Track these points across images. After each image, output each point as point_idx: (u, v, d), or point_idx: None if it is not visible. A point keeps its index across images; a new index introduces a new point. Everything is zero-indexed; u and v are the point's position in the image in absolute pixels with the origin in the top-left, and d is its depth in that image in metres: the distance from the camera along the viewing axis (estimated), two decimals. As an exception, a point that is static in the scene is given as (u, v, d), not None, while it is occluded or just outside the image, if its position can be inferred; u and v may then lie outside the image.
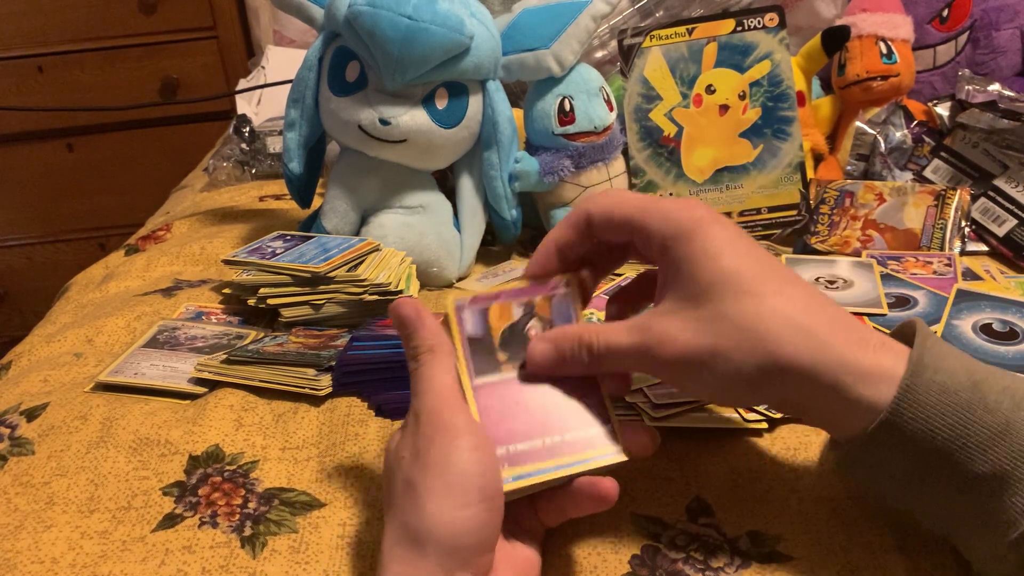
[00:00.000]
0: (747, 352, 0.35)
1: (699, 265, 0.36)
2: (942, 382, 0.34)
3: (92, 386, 0.55)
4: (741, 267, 0.36)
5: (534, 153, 0.75)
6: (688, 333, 0.36)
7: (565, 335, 0.40)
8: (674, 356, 0.36)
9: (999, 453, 0.33)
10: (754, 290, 0.36)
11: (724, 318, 0.35)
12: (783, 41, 0.76)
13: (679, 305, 0.37)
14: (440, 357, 0.38)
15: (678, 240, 0.37)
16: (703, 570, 0.38)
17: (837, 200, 0.76)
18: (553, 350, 0.40)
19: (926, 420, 0.34)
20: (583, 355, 0.39)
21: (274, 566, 0.40)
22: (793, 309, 0.35)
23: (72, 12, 1.64)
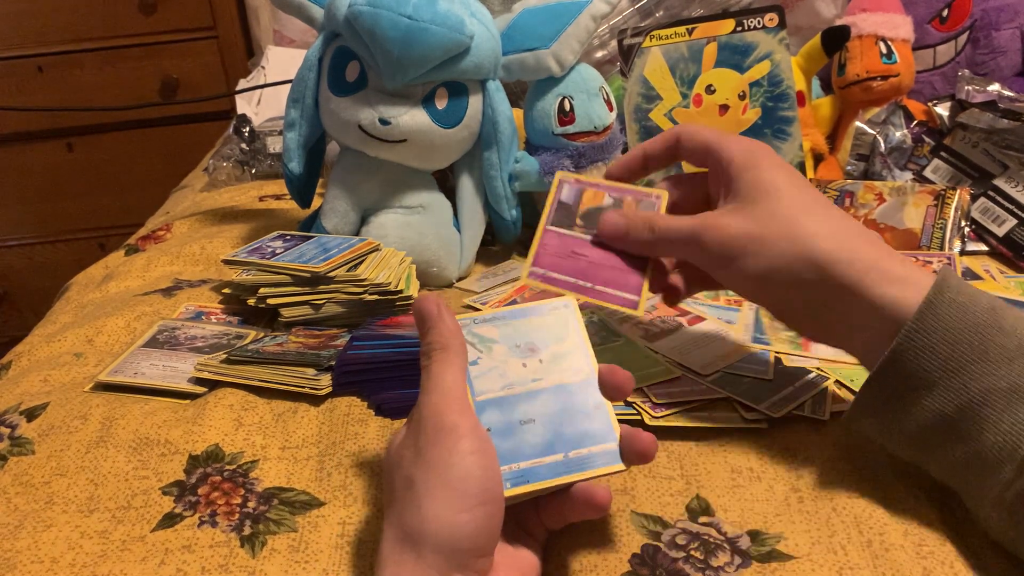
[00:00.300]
0: (790, 241, 0.40)
1: (759, 175, 0.43)
2: (963, 302, 0.37)
3: (92, 386, 0.55)
4: (794, 184, 0.42)
5: (534, 153, 0.75)
6: (738, 222, 0.42)
7: (636, 214, 0.47)
8: (722, 240, 0.42)
9: (1013, 369, 0.36)
10: (802, 200, 0.42)
11: (774, 215, 0.41)
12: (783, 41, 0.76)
13: (736, 205, 0.43)
14: (452, 356, 0.38)
15: (747, 155, 0.44)
16: (703, 569, 0.38)
17: (837, 200, 0.76)
18: (623, 220, 0.46)
19: (946, 333, 0.37)
20: (646, 231, 0.45)
21: (273, 565, 0.40)
22: (833, 221, 0.41)
23: (72, 12, 1.64)
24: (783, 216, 0.41)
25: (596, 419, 0.40)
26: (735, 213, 0.42)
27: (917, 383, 0.38)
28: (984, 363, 0.36)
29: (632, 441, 0.38)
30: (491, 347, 0.42)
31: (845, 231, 0.40)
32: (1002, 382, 0.36)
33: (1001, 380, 0.36)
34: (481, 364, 0.41)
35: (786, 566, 0.38)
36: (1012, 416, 0.35)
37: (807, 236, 0.40)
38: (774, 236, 0.41)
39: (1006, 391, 0.36)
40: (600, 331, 0.57)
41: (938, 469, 0.39)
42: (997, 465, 0.36)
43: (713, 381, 0.50)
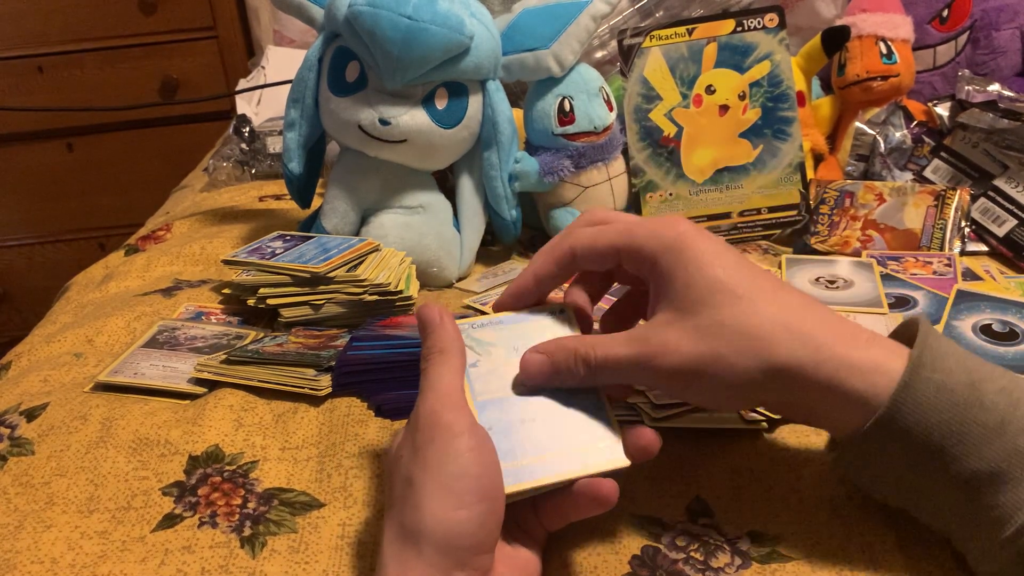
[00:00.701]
0: (747, 356, 0.36)
1: (691, 276, 0.37)
2: (940, 380, 0.35)
3: (92, 386, 0.55)
4: (733, 276, 0.37)
5: (534, 153, 0.75)
6: (687, 342, 0.37)
7: (561, 347, 0.40)
8: (675, 365, 0.37)
9: (994, 451, 0.34)
10: (749, 296, 0.37)
11: (722, 325, 0.36)
12: (783, 41, 0.76)
13: (675, 316, 0.38)
14: (450, 359, 0.38)
15: (668, 254, 0.38)
16: (703, 570, 0.38)
17: (837, 200, 0.76)
18: (548, 362, 0.40)
19: (923, 416, 0.34)
20: (579, 368, 0.39)
21: (273, 566, 0.40)
22: (786, 313, 0.37)
23: (72, 12, 1.64)
24: (731, 326, 0.36)
25: (597, 417, 0.40)
26: (676, 328, 0.37)
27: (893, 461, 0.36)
28: (962, 446, 0.34)
29: (635, 438, 0.38)
30: (490, 350, 0.42)
31: (801, 322, 0.36)
32: (982, 464, 0.34)
33: (981, 463, 0.34)
34: (480, 366, 0.41)
35: (786, 567, 0.38)
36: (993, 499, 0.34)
37: (764, 345, 0.36)
38: (728, 353, 0.36)
39: (987, 474, 0.34)
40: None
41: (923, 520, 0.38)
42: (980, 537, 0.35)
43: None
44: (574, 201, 0.76)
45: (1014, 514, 0.33)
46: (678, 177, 0.77)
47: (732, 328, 0.36)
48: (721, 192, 0.76)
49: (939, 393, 0.35)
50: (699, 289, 0.37)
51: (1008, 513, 0.33)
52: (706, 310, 0.37)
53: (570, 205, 0.76)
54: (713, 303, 0.37)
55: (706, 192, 0.76)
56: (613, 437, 0.39)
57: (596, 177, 0.75)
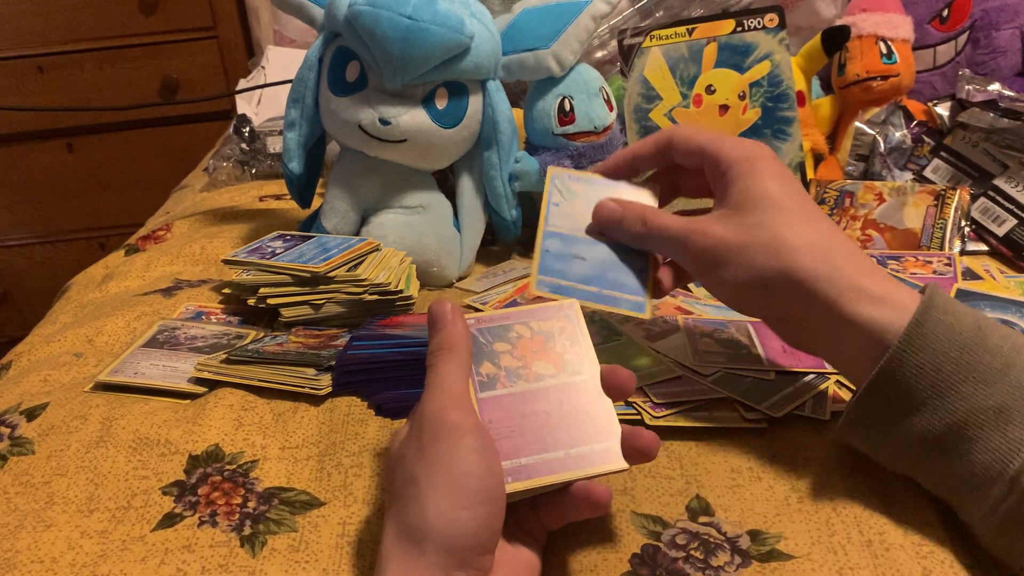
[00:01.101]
0: (771, 255, 0.40)
1: (753, 183, 0.42)
2: (949, 321, 0.38)
3: (92, 386, 0.55)
4: (786, 192, 0.42)
5: (534, 153, 0.75)
6: (725, 230, 0.42)
7: (632, 206, 0.47)
8: (707, 246, 0.42)
9: (1000, 389, 0.36)
10: (791, 211, 0.41)
11: (759, 225, 0.41)
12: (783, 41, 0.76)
13: (726, 212, 0.43)
14: (457, 357, 0.38)
15: (742, 162, 0.43)
16: (703, 569, 0.38)
17: (837, 200, 0.76)
18: (619, 210, 0.47)
19: (932, 354, 0.37)
20: (639, 223, 0.46)
21: (274, 565, 0.40)
22: (818, 235, 0.41)
23: (72, 12, 1.64)
24: (768, 227, 0.41)
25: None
26: (723, 220, 0.43)
27: (905, 403, 0.38)
28: (971, 383, 0.36)
29: (634, 439, 0.38)
30: (573, 199, 0.46)
31: (829, 247, 0.40)
32: (989, 401, 0.36)
33: (988, 399, 0.36)
34: (561, 208, 0.43)
35: (786, 566, 0.38)
36: (1000, 435, 0.36)
37: (789, 250, 0.40)
38: (756, 247, 0.41)
39: (993, 410, 0.36)
40: (601, 330, 0.57)
41: (929, 483, 0.40)
42: (987, 484, 0.36)
43: (713, 381, 0.50)
44: (574, 201, 0.76)
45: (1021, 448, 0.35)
46: (678, 177, 0.77)
47: (767, 229, 0.41)
48: (721, 192, 0.76)
49: (948, 333, 0.37)
50: (754, 194, 0.42)
51: (1016, 447, 0.35)
52: (752, 211, 0.42)
53: (570, 205, 0.76)
54: (760, 207, 0.41)
55: (706, 192, 0.76)
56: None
57: (596, 177, 0.75)
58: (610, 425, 0.39)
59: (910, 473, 0.40)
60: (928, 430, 0.37)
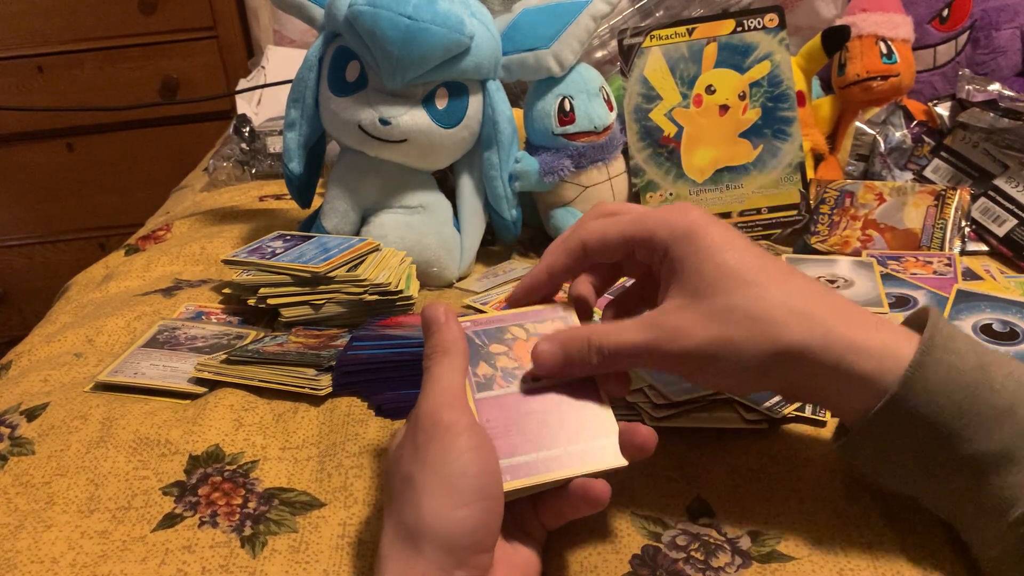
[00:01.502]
0: (757, 339, 0.36)
1: (703, 262, 0.38)
2: (950, 362, 0.35)
3: (92, 386, 0.55)
4: (743, 261, 0.38)
5: (534, 153, 0.75)
6: (699, 326, 0.37)
7: (572, 337, 0.40)
8: (687, 349, 0.37)
9: (1003, 433, 0.34)
10: (759, 281, 0.37)
11: (733, 309, 0.37)
12: (783, 41, 0.76)
13: (686, 301, 0.38)
14: (453, 359, 0.38)
15: (679, 242, 0.39)
16: (703, 570, 0.38)
17: (837, 200, 0.76)
18: (560, 351, 0.40)
19: (933, 397, 0.35)
20: (592, 356, 0.39)
21: (274, 566, 0.40)
22: (795, 298, 0.37)
23: (72, 12, 1.64)
24: (743, 310, 0.37)
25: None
26: (688, 313, 0.38)
27: (902, 445, 0.37)
28: (973, 427, 0.35)
29: (631, 435, 0.38)
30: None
31: (812, 309, 0.37)
32: (992, 446, 0.35)
33: (991, 444, 0.35)
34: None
35: (786, 567, 0.38)
36: (1002, 480, 0.34)
37: (774, 328, 0.36)
38: (739, 337, 0.37)
39: (996, 455, 0.34)
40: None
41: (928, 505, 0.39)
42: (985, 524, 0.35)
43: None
44: (574, 201, 0.76)
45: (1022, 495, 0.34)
46: (678, 177, 0.77)
47: (743, 312, 0.37)
48: (721, 192, 0.76)
49: (950, 374, 0.35)
50: (710, 275, 0.38)
51: (1016, 494, 0.34)
52: (717, 295, 0.37)
53: (570, 205, 0.76)
54: (724, 288, 0.37)
55: (706, 192, 0.76)
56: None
57: (596, 177, 0.75)
58: (607, 422, 0.39)
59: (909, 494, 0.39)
60: (926, 470, 0.37)
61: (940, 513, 0.38)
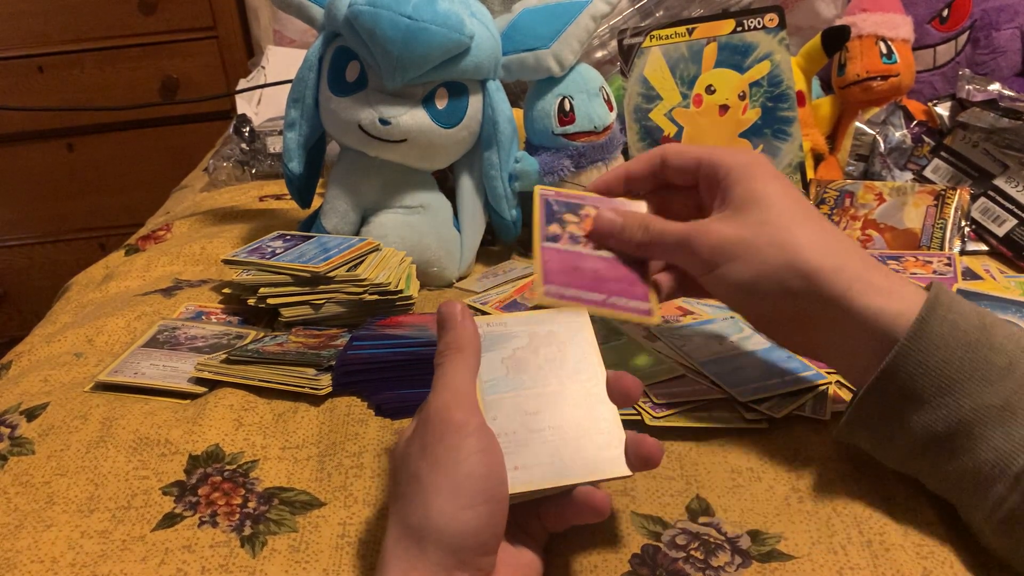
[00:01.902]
0: (777, 249, 0.40)
1: (753, 186, 0.43)
2: (954, 320, 0.37)
3: (92, 386, 0.55)
4: (787, 195, 0.43)
5: (534, 153, 0.75)
6: (730, 228, 0.42)
7: (631, 214, 0.47)
8: (713, 243, 0.42)
9: (1004, 387, 0.36)
10: (793, 211, 0.42)
11: (764, 223, 0.41)
12: (783, 41, 0.76)
13: (727, 212, 0.43)
14: (466, 358, 0.38)
15: (740, 168, 0.44)
16: (703, 569, 0.38)
17: (837, 200, 0.76)
18: (619, 219, 0.46)
19: (937, 351, 0.37)
20: (640, 231, 0.46)
21: (274, 565, 0.40)
22: (822, 233, 0.41)
23: (72, 12, 1.64)
24: (773, 224, 0.41)
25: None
26: (727, 220, 0.43)
27: (908, 401, 0.38)
28: (975, 381, 0.37)
29: (637, 446, 0.38)
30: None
31: (833, 243, 0.41)
32: (993, 399, 0.36)
33: (992, 397, 0.36)
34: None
35: (786, 566, 0.38)
36: (1004, 433, 0.36)
37: (795, 245, 0.40)
38: (762, 243, 0.41)
39: (997, 408, 0.36)
40: (601, 330, 0.57)
41: (932, 482, 0.40)
42: (989, 482, 0.36)
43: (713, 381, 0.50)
44: (574, 201, 0.76)
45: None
46: (678, 177, 0.77)
47: (771, 226, 0.41)
48: (721, 192, 0.76)
49: (953, 331, 0.37)
50: (755, 195, 0.42)
51: (1019, 446, 0.35)
52: (755, 210, 0.42)
53: (570, 205, 0.76)
54: (763, 206, 0.42)
55: (706, 192, 0.76)
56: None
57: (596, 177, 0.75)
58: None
59: (913, 473, 0.40)
60: (931, 428, 0.37)
61: (939, 489, 0.39)
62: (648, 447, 0.38)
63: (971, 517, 0.38)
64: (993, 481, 0.36)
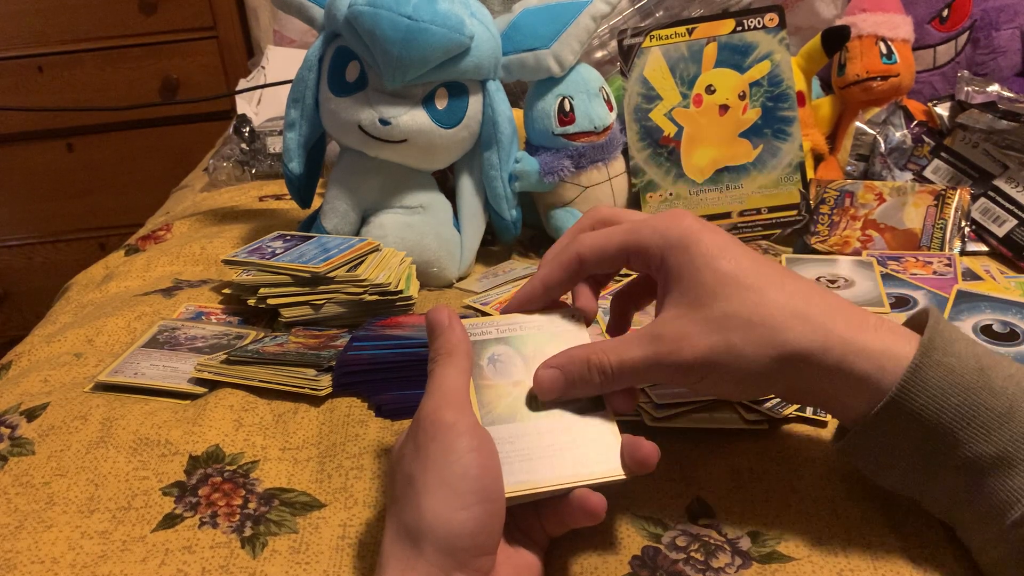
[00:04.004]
0: (758, 345, 0.36)
1: (699, 270, 0.38)
2: (950, 364, 0.35)
3: (92, 386, 0.55)
4: (740, 266, 0.38)
5: (534, 153, 0.75)
6: (700, 335, 0.37)
7: (572, 359, 0.40)
8: (689, 360, 0.37)
9: (1003, 436, 0.34)
10: (756, 286, 0.37)
11: (732, 316, 0.37)
12: (783, 41, 0.76)
13: (684, 310, 0.38)
14: (455, 360, 0.38)
15: (674, 251, 0.39)
16: (704, 571, 0.38)
17: (837, 200, 0.76)
18: (561, 377, 0.40)
19: (932, 399, 0.35)
20: (594, 377, 0.39)
21: (274, 566, 0.40)
22: (794, 300, 0.37)
23: (72, 12, 1.64)
24: (742, 316, 0.37)
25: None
26: (688, 321, 0.38)
27: (901, 447, 0.37)
28: (971, 429, 0.35)
29: (633, 449, 0.38)
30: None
31: (811, 310, 0.37)
32: (990, 448, 0.35)
33: (989, 447, 0.35)
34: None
35: (786, 567, 0.38)
36: (999, 483, 0.34)
37: (774, 334, 0.36)
38: (742, 343, 0.36)
39: (993, 458, 0.34)
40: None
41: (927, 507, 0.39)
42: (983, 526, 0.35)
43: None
44: (574, 201, 0.76)
45: (1021, 498, 0.34)
46: (678, 177, 0.77)
47: (742, 318, 0.37)
48: (721, 192, 0.76)
49: (949, 376, 0.35)
50: (707, 282, 0.37)
51: (1015, 497, 0.34)
52: (716, 302, 0.37)
53: (570, 205, 0.76)
54: (722, 295, 0.37)
55: (706, 192, 0.76)
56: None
57: (596, 177, 0.75)
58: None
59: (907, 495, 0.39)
60: (925, 471, 0.37)
61: (939, 515, 0.38)
62: (644, 451, 0.38)
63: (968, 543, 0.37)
64: (986, 527, 0.35)
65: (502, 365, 0.41)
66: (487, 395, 0.40)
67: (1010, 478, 0.34)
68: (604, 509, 0.37)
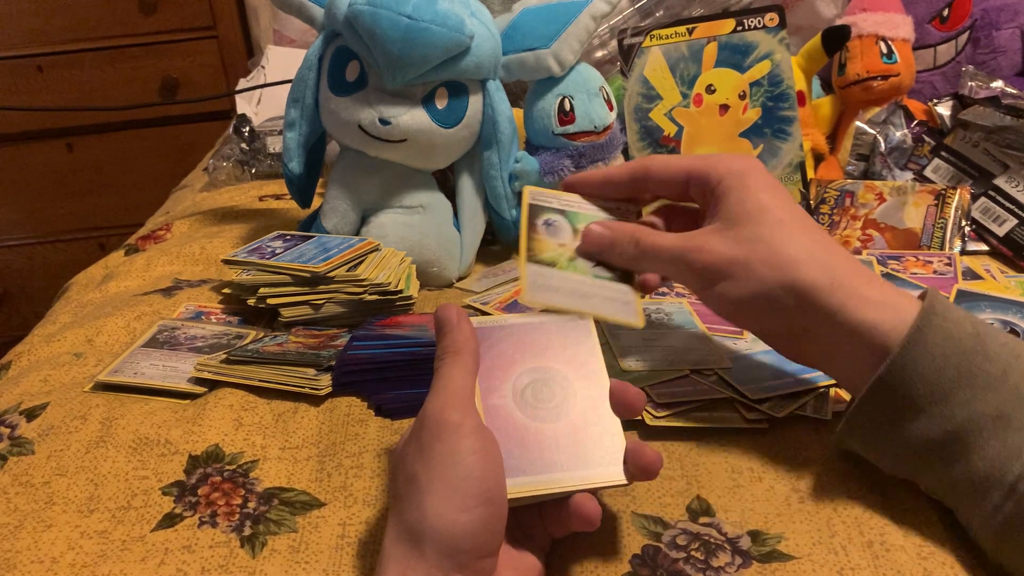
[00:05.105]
0: (772, 267, 0.40)
1: (745, 196, 0.42)
2: (949, 329, 0.37)
3: (92, 386, 0.55)
4: (779, 204, 0.42)
5: (534, 153, 0.75)
6: (725, 245, 0.42)
7: (622, 227, 0.46)
8: (708, 263, 0.42)
9: (998, 396, 0.36)
10: (788, 222, 0.41)
11: (758, 238, 0.41)
12: (783, 41, 0.76)
13: (720, 226, 0.42)
14: (463, 360, 0.38)
15: (732, 176, 0.43)
16: (704, 570, 0.38)
17: (837, 200, 0.76)
18: (608, 234, 0.45)
19: (932, 361, 0.37)
20: (631, 246, 0.45)
21: (274, 566, 0.40)
22: (816, 245, 0.41)
23: (72, 12, 1.64)
24: (766, 241, 0.40)
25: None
26: (719, 234, 0.42)
27: (903, 409, 0.38)
28: (969, 389, 0.36)
29: (637, 456, 0.38)
30: None
31: (827, 256, 0.40)
32: (988, 408, 0.36)
33: (987, 406, 0.36)
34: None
35: (787, 566, 0.38)
36: (998, 442, 0.36)
37: (789, 263, 0.40)
38: (757, 261, 0.40)
39: (992, 417, 0.36)
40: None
41: (928, 488, 0.40)
42: (985, 490, 0.36)
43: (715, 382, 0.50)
44: (574, 201, 0.76)
45: (1020, 454, 0.35)
46: (678, 177, 0.77)
47: (766, 242, 0.40)
48: (721, 192, 0.76)
49: (948, 340, 0.37)
50: (748, 207, 0.42)
51: (1014, 453, 0.35)
52: (748, 224, 0.41)
53: (570, 205, 0.76)
54: (756, 220, 0.41)
55: (706, 192, 0.76)
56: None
57: (596, 177, 0.75)
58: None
59: (910, 477, 0.40)
60: (927, 436, 0.37)
61: (936, 494, 0.39)
62: (648, 458, 0.38)
63: (969, 523, 0.38)
64: (988, 490, 0.36)
65: (554, 229, 0.45)
66: (536, 244, 0.45)
67: (1008, 436, 0.36)
68: (599, 517, 0.37)
